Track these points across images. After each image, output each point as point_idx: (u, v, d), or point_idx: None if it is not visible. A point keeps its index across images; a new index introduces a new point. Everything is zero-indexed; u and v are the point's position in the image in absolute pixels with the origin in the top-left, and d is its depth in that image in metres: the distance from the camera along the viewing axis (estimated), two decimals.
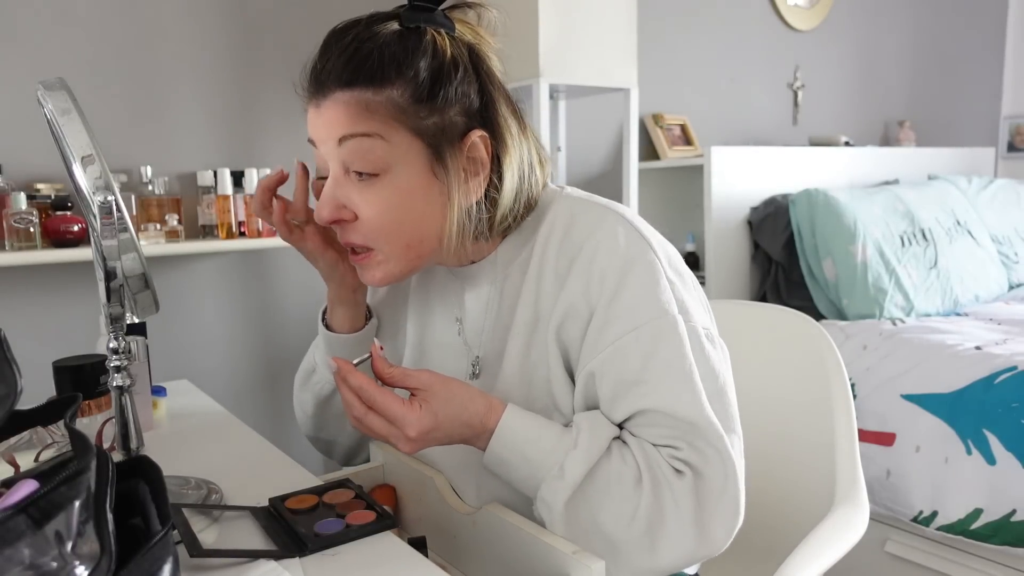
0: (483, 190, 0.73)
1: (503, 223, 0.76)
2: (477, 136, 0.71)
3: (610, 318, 0.70)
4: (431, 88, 0.69)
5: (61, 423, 0.63)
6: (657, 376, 0.68)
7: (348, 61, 0.69)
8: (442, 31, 0.71)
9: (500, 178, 0.73)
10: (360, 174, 0.70)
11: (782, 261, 2.30)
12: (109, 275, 0.65)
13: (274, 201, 0.80)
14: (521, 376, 0.76)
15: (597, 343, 0.70)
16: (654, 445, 0.69)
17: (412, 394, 0.69)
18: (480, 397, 0.71)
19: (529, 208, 0.78)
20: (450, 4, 0.74)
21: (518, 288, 0.78)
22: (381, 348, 0.70)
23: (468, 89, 0.71)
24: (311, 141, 0.73)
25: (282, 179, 0.79)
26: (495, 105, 0.73)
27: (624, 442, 0.70)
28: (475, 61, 0.73)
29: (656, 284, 0.70)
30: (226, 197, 1.72)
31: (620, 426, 0.72)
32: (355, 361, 0.70)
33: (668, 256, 0.74)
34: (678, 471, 0.68)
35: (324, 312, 0.89)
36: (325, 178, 0.73)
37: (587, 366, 0.71)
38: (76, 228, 1.51)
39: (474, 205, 0.73)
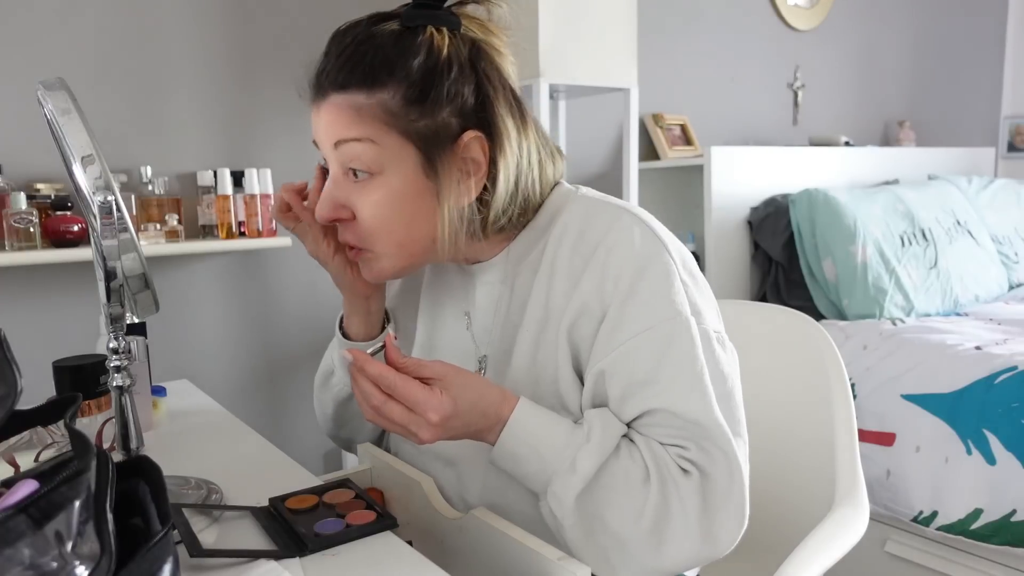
0: (479, 190, 0.73)
1: (496, 223, 0.76)
2: (471, 137, 0.71)
3: (623, 317, 0.70)
4: (422, 89, 0.69)
5: (61, 423, 0.63)
6: (668, 377, 0.68)
7: (343, 64, 0.70)
8: (443, 29, 0.71)
9: (495, 179, 0.73)
10: (356, 174, 0.72)
11: (782, 261, 2.29)
12: (109, 275, 0.65)
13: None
14: (529, 374, 0.76)
15: (609, 342, 0.70)
16: (661, 444, 0.69)
17: (427, 384, 0.69)
18: (494, 386, 0.71)
19: (529, 207, 0.78)
20: (455, 1, 0.75)
21: (528, 286, 0.78)
22: (395, 338, 0.70)
23: (462, 88, 0.71)
24: (314, 142, 0.75)
25: (302, 188, 0.83)
26: (492, 104, 0.72)
27: (632, 440, 0.71)
28: (474, 58, 0.72)
29: (670, 285, 0.70)
30: (226, 197, 1.72)
31: (628, 425, 0.72)
32: (369, 350, 0.71)
33: (683, 258, 0.74)
34: (685, 470, 0.68)
35: (342, 318, 0.91)
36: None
37: (598, 364, 0.71)
38: (76, 228, 1.51)
39: (467, 206, 0.73)
